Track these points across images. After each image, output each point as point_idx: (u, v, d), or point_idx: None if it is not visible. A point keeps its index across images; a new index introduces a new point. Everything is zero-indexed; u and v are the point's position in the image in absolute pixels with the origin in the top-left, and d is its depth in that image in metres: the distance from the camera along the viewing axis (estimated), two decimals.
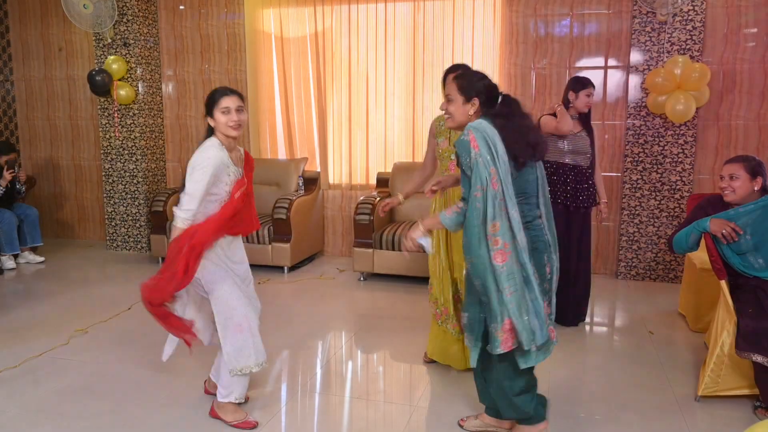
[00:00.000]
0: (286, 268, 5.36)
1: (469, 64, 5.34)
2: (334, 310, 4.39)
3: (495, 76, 5.40)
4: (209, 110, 2.61)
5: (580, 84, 3.79)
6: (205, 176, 2.51)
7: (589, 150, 3.85)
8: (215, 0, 6.00)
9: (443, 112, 2.46)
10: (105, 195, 6.16)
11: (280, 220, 5.24)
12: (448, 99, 2.39)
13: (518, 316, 2.20)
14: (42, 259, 5.76)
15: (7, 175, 5.46)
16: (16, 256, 5.63)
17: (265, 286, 4.97)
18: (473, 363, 2.46)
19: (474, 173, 2.17)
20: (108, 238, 6.25)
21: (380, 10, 5.59)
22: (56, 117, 6.71)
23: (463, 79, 2.36)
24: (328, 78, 5.82)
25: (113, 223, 6.19)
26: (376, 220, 5.05)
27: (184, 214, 2.50)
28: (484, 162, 2.15)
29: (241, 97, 2.64)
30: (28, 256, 5.72)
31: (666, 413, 2.83)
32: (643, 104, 4.90)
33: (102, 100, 5.98)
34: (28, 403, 2.95)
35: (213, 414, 2.79)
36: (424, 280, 4.89)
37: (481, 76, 2.37)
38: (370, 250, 4.99)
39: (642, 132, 4.93)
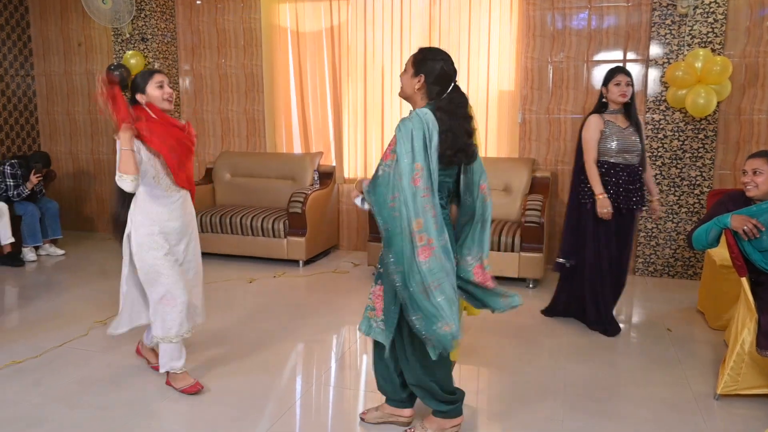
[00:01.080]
0: (301, 262, 5.38)
1: (485, 58, 5.37)
2: (348, 304, 4.40)
3: (511, 70, 5.36)
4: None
5: (608, 74, 3.62)
6: None
7: (638, 146, 3.62)
8: None
9: None
10: None
11: (295, 214, 5.26)
12: (404, 69, 2.42)
13: (442, 311, 2.19)
14: (63, 252, 5.85)
15: (34, 179, 5.56)
16: (37, 248, 5.72)
17: (280, 279, 5.00)
18: (387, 353, 2.46)
19: (397, 167, 2.20)
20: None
21: (396, 4, 5.57)
22: (75, 111, 6.79)
23: (421, 54, 2.36)
24: (344, 72, 5.82)
25: None
26: None
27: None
28: (410, 159, 2.17)
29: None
30: (49, 249, 5.81)
31: (684, 411, 2.81)
32: (663, 98, 4.83)
33: None
34: (49, 392, 3.00)
35: (167, 382, 3.04)
36: None
37: (439, 59, 2.33)
38: None
39: (661, 126, 4.87)
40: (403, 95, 2.42)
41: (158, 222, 2.87)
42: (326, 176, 5.80)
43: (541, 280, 4.82)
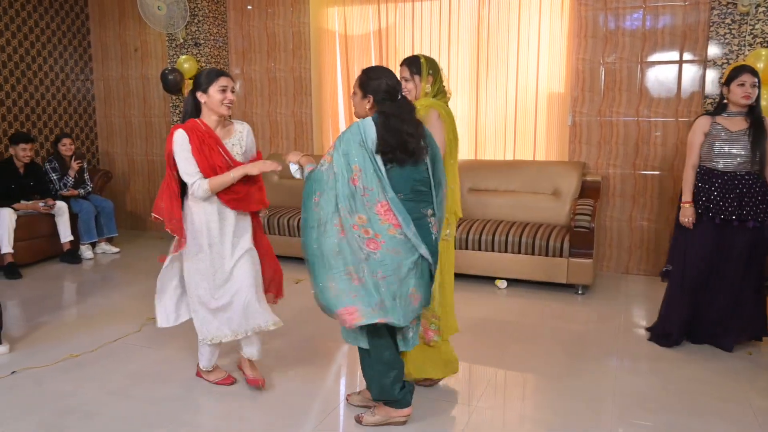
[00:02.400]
0: None
1: (534, 59, 5.29)
2: None
3: (561, 72, 5.26)
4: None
5: (732, 73, 3.32)
6: None
7: (743, 153, 3.28)
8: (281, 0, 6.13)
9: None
10: None
11: None
12: (353, 92, 2.55)
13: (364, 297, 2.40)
14: (117, 249, 6.05)
15: (75, 165, 5.78)
16: (93, 246, 5.94)
17: None
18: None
19: (329, 168, 2.39)
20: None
21: (444, 6, 5.55)
22: (131, 114, 7.03)
23: (365, 76, 2.50)
24: None
25: None
26: None
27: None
28: (345, 162, 2.35)
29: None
30: (105, 247, 6.02)
31: (740, 424, 2.69)
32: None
33: (174, 98, 6.21)
34: (103, 385, 3.10)
35: (198, 374, 3.12)
36: (476, 277, 4.83)
37: (382, 77, 2.46)
38: None
39: None
40: (357, 116, 2.56)
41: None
42: None
43: (591, 286, 4.70)
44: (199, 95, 2.76)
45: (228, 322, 2.89)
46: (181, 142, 2.72)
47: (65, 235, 5.61)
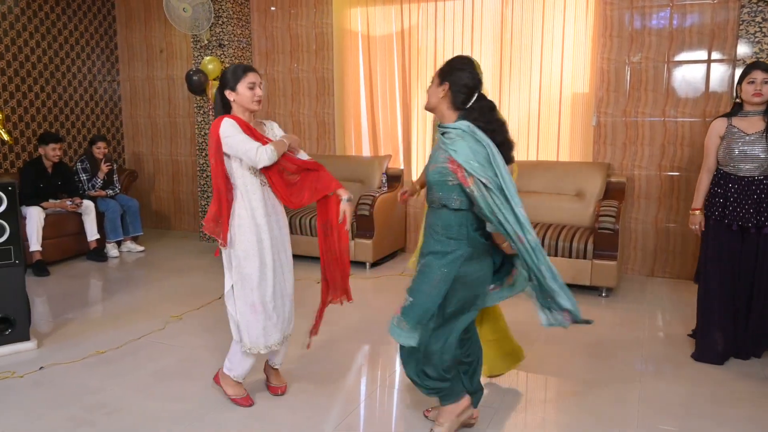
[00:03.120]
0: (368, 263, 5.42)
1: (558, 59, 5.24)
2: None
3: (586, 72, 5.21)
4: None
5: (744, 70, 3.21)
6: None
7: (761, 157, 3.14)
8: (305, 0, 6.16)
9: None
10: (199, 189, 6.47)
11: (363, 216, 5.30)
12: (431, 81, 2.44)
13: None
14: (142, 248, 6.14)
15: (104, 167, 5.88)
16: (119, 245, 6.03)
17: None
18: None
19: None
20: (201, 230, 6.56)
21: (467, 5, 5.53)
22: (156, 115, 7.12)
23: (446, 63, 2.40)
24: (414, 75, 5.82)
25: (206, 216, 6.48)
26: None
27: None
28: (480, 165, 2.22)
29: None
30: (130, 245, 6.11)
31: None
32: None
33: (198, 98, 6.28)
34: (128, 382, 3.15)
35: (216, 380, 2.98)
36: None
37: (462, 67, 2.36)
38: None
39: None
40: (428, 107, 2.46)
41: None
42: (394, 179, 5.82)
43: (615, 289, 4.65)
44: (228, 93, 2.72)
45: (278, 327, 2.79)
46: (231, 125, 2.64)
47: (92, 234, 5.71)
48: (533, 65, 5.37)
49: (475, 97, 2.35)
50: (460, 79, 2.33)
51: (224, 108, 2.77)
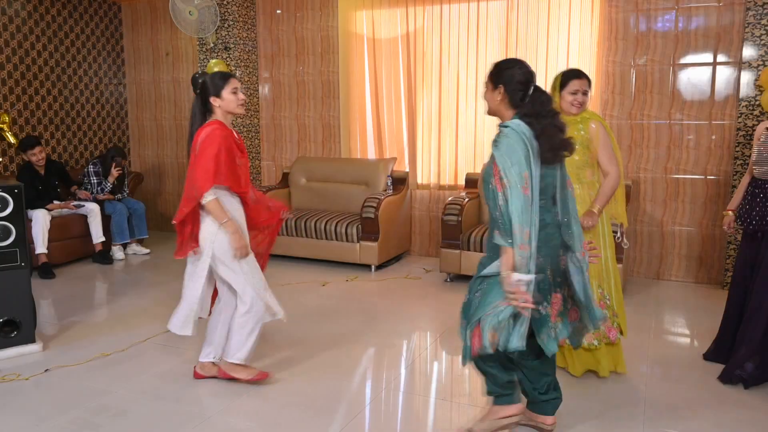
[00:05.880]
0: (373, 266, 5.42)
1: (564, 62, 5.23)
2: (420, 310, 4.39)
3: (591, 74, 5.18)
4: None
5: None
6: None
7: None
8: (310, 3, 6.17)
9: None
10: None
11: (368, 219, 5.30)
12: (485, 88, 2.43)
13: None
14: (148, 251, 6.16)
15: (115, 172, 5.91)
16: (125, 247, 6.05)
17: (353, 283, 5.05)
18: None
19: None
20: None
21: (472, 9, 5.53)
22: (162, 117, 7.15)
23: (495, 67, 2.38)
24: (419, 78, 5.83)
25: None
26: (464, 221, 5.00)
27: None
28: (518, 170, 2.18)
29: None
30: (135, 248, 6.13)
31: None
32: (757, 103, 4.54)
33: None
34: (133, 384, 3.15)
35: (223, 376, 3.10)
36: None
37: (513, 65, 2.33)
38: (458, 251, 4.95)
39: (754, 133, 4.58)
40: (491, 112, 2.44)
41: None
42: (399, 182, 5.82)
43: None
44: (213, 100, 2.89)
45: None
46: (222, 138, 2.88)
47: (97, 236, 5.72)
48: (539, 68, 5.35)
49: (531, 91, 2.31)
50: (512, 78, 2.30)
51: (203, 115, 2.94)
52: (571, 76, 3.02)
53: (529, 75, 2.31)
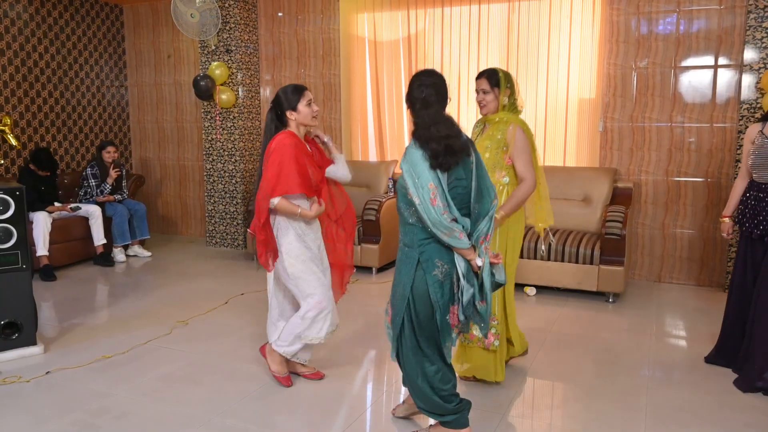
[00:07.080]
0: (374, 269, 5.41)
1: (565, 65, 5.23)
2: None
3: (593, 77, 5.20)
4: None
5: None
6: None
7: None
8: (312, 6, 6.18)
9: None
10: (206, 194, 6.49)
11: (369, 221, 5.30)
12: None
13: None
14: (149, 253, 6.16)
15: (113, 173, 5.91)
16: (126, 249, 6.06)
17: (354, 286, 5.05)
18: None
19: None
20: (207, 234, 6.57)
21: (474, 11, 5.54)
22: (164, 120, 7.15)
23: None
24: None
25: (212, 221, 6.50)
26: None
27: None
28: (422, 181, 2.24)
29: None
30: (137, 250, 6.13)
31: None
32: (758, 106, 4.54)
33: (205, 103, 6.31)
34: (134, 386, 3.15)
35: (262, 351, 3.19)
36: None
37: (415, 85, 2.37)
38: None
39: None
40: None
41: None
42: None
43: (622, 294, 4.63)
44: (290, 113, 2.92)
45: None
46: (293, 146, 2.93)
47: (98, 238, 5.73)
48: (540, 71, 5.37)
49: (418, 106, 2.40)
50: (416, 98, 2.36)
51: (277, 128, 2.96)
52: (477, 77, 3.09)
53: (418, 94, 2.35)
